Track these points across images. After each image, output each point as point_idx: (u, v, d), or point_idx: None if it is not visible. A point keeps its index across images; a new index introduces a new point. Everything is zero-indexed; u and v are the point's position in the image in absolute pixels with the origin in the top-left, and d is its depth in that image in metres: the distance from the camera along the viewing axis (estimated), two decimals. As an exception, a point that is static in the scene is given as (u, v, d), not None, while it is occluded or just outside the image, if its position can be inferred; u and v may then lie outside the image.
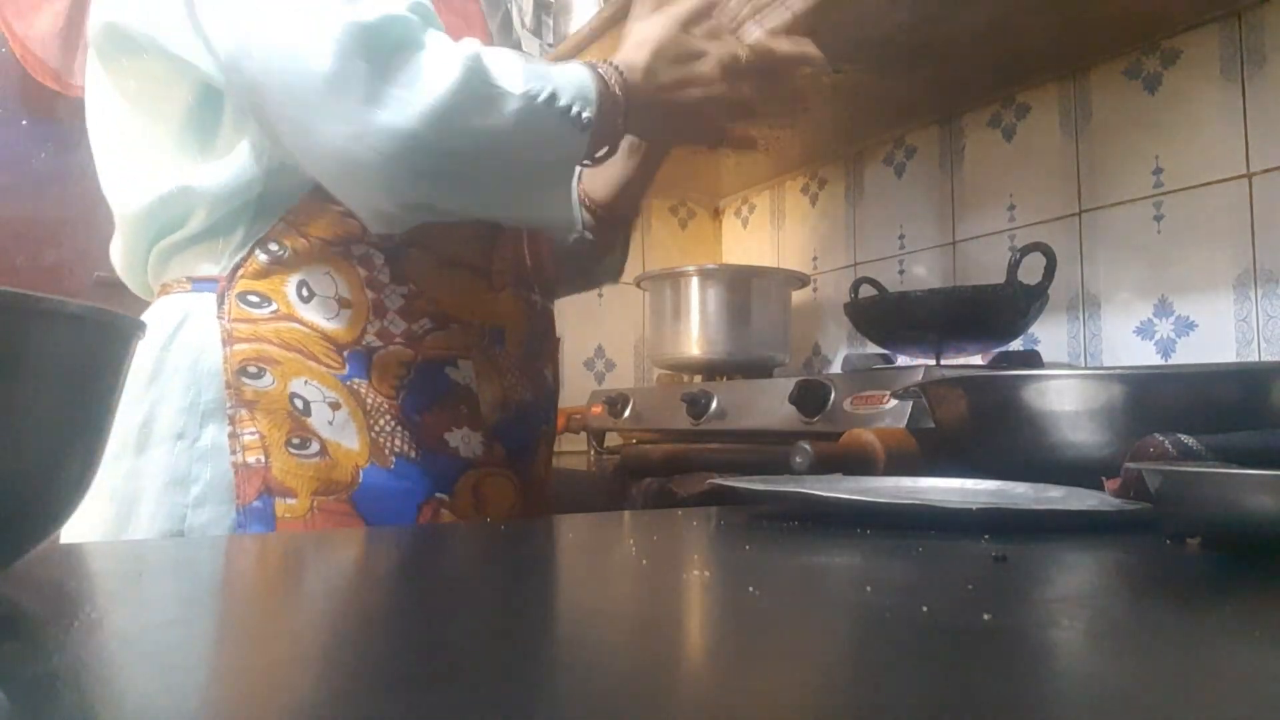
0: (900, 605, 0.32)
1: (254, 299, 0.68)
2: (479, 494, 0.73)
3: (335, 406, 0.68)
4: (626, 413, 1.37)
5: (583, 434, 1.51)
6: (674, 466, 1.03)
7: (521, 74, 0.61)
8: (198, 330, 0.68)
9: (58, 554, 0.44)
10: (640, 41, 0.71)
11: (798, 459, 0.81)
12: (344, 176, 0.60)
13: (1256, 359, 1.05)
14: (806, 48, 0.76)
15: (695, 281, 1.52)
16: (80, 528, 0.67)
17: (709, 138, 0.78)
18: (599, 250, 0.92)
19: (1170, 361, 1.14)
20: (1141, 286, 1.18)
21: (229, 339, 0.67)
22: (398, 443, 0.69)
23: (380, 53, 0.57)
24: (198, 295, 0.69)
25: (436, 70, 0.58)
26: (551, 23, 1.51)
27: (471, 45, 0.61)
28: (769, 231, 1.85)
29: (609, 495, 1.06)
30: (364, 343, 0.69)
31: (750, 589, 0.34)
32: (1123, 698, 0.21)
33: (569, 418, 1.48)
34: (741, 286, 1.51)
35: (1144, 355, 1.17)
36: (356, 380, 0.69)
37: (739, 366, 1.49)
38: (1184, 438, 0.55)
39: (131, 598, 0.35)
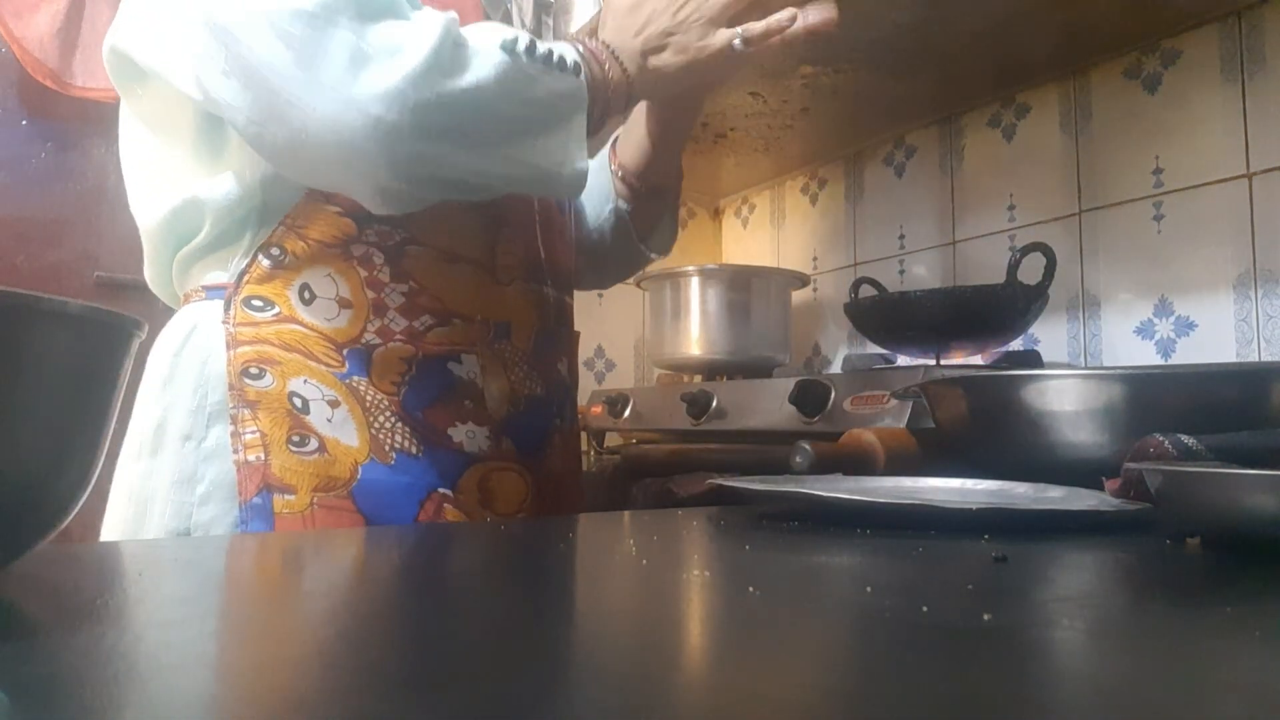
0: (900, 605, 0.32)
1: (258, 303, 0.70)
2: (486, 489, 0.73)
3: (334, 404, 0.69)
4: (626, 413, 1.37)
5: (583, 434, 1.51)
6: (674, 466, 1.03)
7: (497, 31, 0.62)
8: (206, 336, 0.70)
9: (58, 554, 0.44)
10: (607, 14, 0.71)
11: (798, 459, 0.81)
12: (339, 152, 0.58)
13: (1256, 359, 1.05)
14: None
15: (695, 281, 1.52)
16: (111, 527, 0.71)
17: (727, 65, 0.73)
18: (642, 224, 0.91)
19: (1170, 361, 1.14)
20: (1141, 286, 1.18)
21: (233, 342, 0.69)
22: (398, 439, 0.69)
23: (360, 20, 0.58)
24: (209, 303, 0.71)
25: (416, 32, 0.58)
26: (551, 23, 1.51)
27: (448, 13, 0.61)
28: (769, 231, 1.85)
29: (609, 495, 1.06)
30: (363, 341, 0.70)
31: (750, 589, 0.34)
32: (1123, 698, 0.21)
33: (569, 417, 1.47)
34: (741, 286, 1.51)
35: (1144, 355, 1.17)
36: (356, 378, 0.69)
37: (739, 366, 1.50)
38: (1184, 438, 0.55)
39: (132, 598, 0.35)
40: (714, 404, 1.20)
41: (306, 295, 0.70)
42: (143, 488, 0.68)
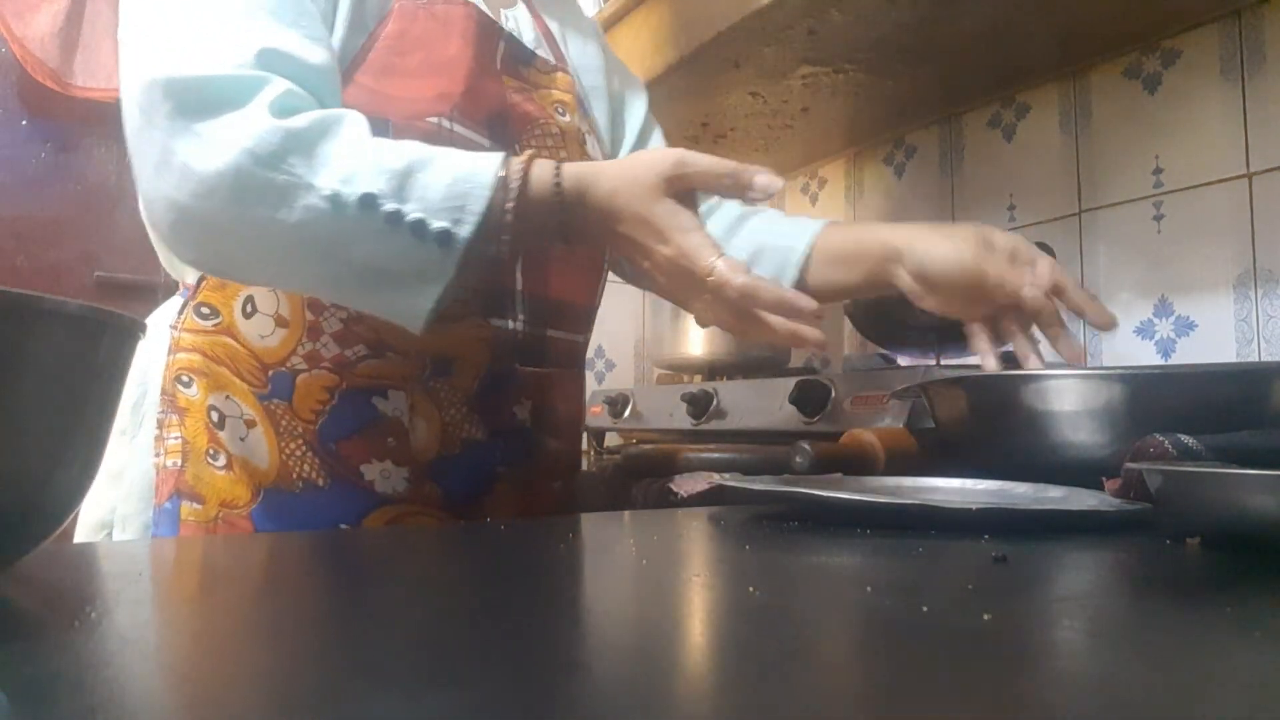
0: (900, 605, 0.32)
1: (206, 310, 0.71)
2: None
3: (250, 424, 0.69)
4: (626, 413, 1.37)
5: (583, 434, 1.51)
6: (674, 466, 1.03)
7: (353, 171, 0.54)
8: (156, 336, 0.72)
9: (58, 554, 0.44)
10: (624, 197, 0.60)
11: (798, 459, 0.80)
12: (156, 235, 0.62)
13: (1256, 359, 1.05)
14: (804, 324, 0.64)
15: (695, 281, 1.52)
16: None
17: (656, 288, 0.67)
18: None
19: (1170, 361, 1.14)
20: (1141, 286, 1.18)
21: (175, 347, 0.71)
22: (306, 468, 0.68)
23: (179, 115, 0.55)
24: (177, 301, 0.75)
25: (225, 142, 0.54)
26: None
27: (307, 119, 0.55)
28: (769, 231, 1.85)
29: (609, 495, 1.06)
30: (289, 364, 0.68)
31: (750, 589, 0.34)
32: (1123, 697, 0.21)
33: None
34: (741, 286, 1.51)
35: (1144, 355, 1.17)
36: (276, 401, 0.68)
37: (739, 366, 1.49)
38: (1184, 438, 0.55)
39: (132, 598, 0.35)
40: (714, 404, 1.20)
41: (249, 309, 0.69)
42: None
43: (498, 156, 0.58)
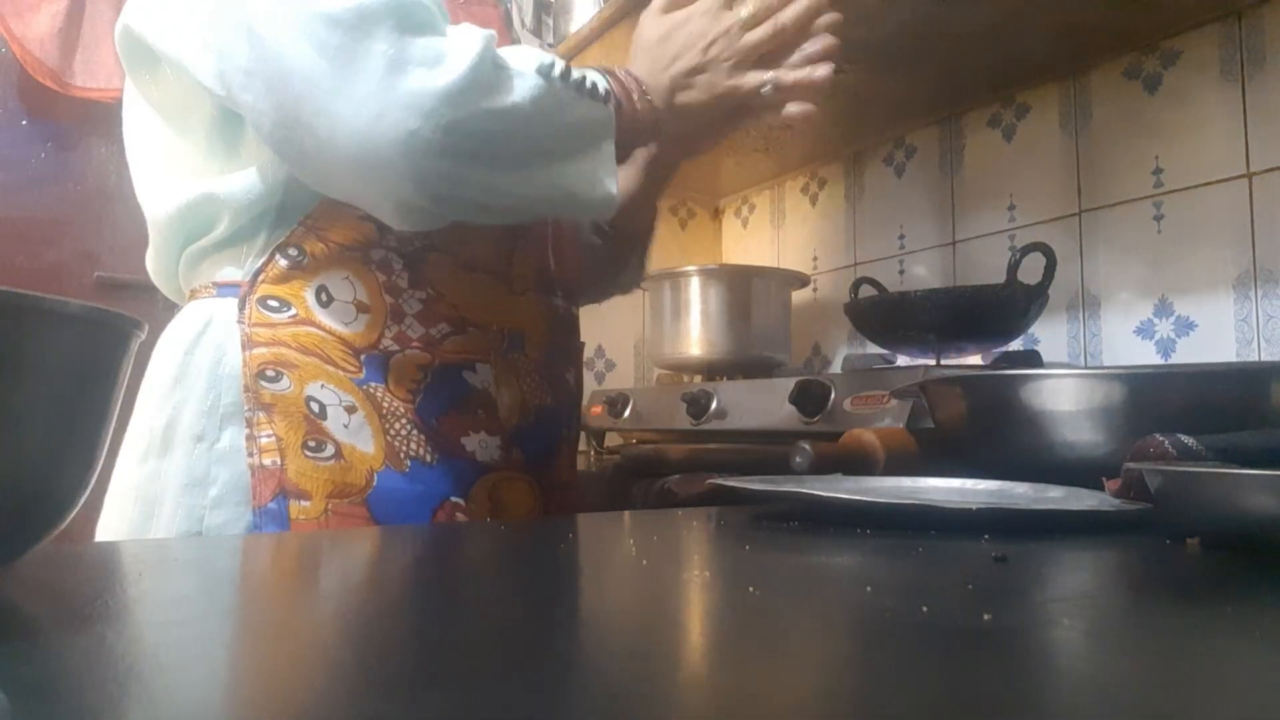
0: (900, 605, 0.32)
1: (274, 304, 0.69)
2: (496, 498, 0.73)
3: (351, 410, 0.68)
4: (626, 413, 1.37)
5: (583, 434, 1.51)
6: (674, 466, 1.03)
7: (533, 55, 0.62)
8: (219, 334, 0.69)
9: (58, 554, 0.44)
10: (633, 49, 0.72)
11: (798, 459, 0.80)
12: (365, 164, 0.57)
13: (1256, 359, 1.05)
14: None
15: (695, 281, 1.52)
16: (108, 527, 0.70)
17: (735, 119, 0.76)
18: (614, 265, 0.93)
19: (1170, 361, 1.14)
20: (1141, 286, 1.18)
21: (249, 343, 0.68)
22: (413, 446, 0.69)
23: (398, 32, 0.56)
24: (221, 300, 0.70)
25: (454, 49, 0.57)
26: (551, 23, 1.51)
27: (486, 30, 0.61)
28: (769, 231, 1.85)
29: (609, 495, 1.06)
30: (381, 347, 0.69)
31: (750, 589, 0.34)
32: (1123, 697, 0.21)
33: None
34: (741, 286, 1.51)
35: (1144, 355, 1.17)
36: (373, 384, 0.69)
37: (739, 366, 1.49)
38: (1184, 438, 0.55)
39: (132, 598, 0.35)
40: (714, 404, 1.20)
41: (324, 298, 0.69)
42: (150, 488, 0.67)
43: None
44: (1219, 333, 1.10)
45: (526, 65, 0.61)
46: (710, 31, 0.70)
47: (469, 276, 0.74)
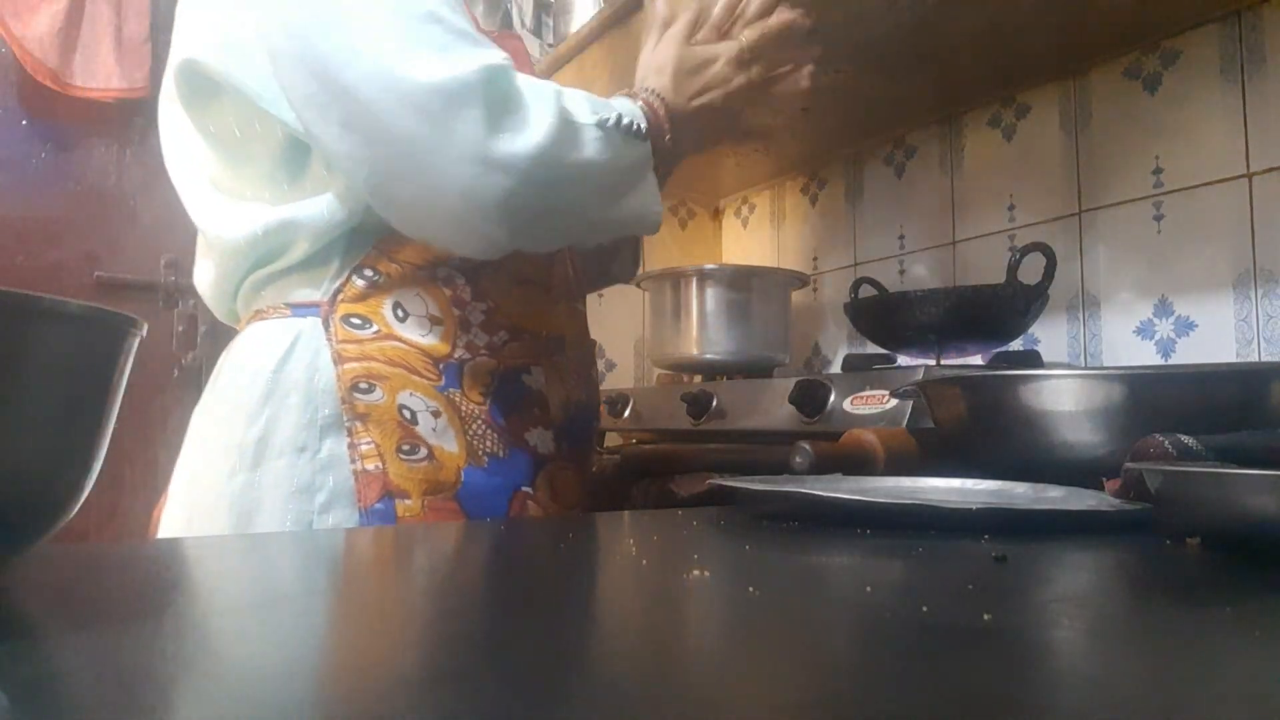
0: (900, 605, 0.32)
1: (356, 321, 0.74)
2: (553, 486, 0.80)
3: (436, 414, 0.74)
4: (626, 413, 1.37)
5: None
6: (674, 466, 1.03)
7: (588, 105, 0.68)
8: (309, 352, 0.73)
9: (58, 554, 0.44)
10: (659, 68, 0.78)
11: (798, 459, 0.80)
12: (465, 216, 0.64)
13: (1256, 359, 1.05)
14: (786, 15, 0.83)
15: (695, 281, 1.52)
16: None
17: (736, 133, 0.85)
18: (608, 255, 0.99)
19: (1170, 361, 1.14)
20: (1141, 286, 1.18)
21: (339, 359, 0.73)
22: (489, 444, 0.76)
23: (488, 101, 0.62)
24: (299, 320, 0.75)
25: (535, 113, 0.64)
26: (551, 23, 1.52)
27: (552, 85, 0.67)
28: (769, 231, 1.85)
29: (609, 495, 1.06)
30: (455, 356, 0.76)
31: (750, 589, 0.34)
32: (1123, 697, 0.21)
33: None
34: (741, 286, 1.51)
35: (1144, 355, 1.17)
36: (452, 390, 0.75)
37: (739, 366, 1.49)
38: (1184, 438, 0.55)
39: (132, 598, 0.35)
40: (714, 404, 1.20)
41: (400, 313, 0.75)
42: (245, 499, 0.70)
43: (620, 95, 0.76)
44: (1219, 333, 1.10)
45: (586, 117, 0.67)
46: (734, 81, 0.79)
47: (519, 288, 0.81)
